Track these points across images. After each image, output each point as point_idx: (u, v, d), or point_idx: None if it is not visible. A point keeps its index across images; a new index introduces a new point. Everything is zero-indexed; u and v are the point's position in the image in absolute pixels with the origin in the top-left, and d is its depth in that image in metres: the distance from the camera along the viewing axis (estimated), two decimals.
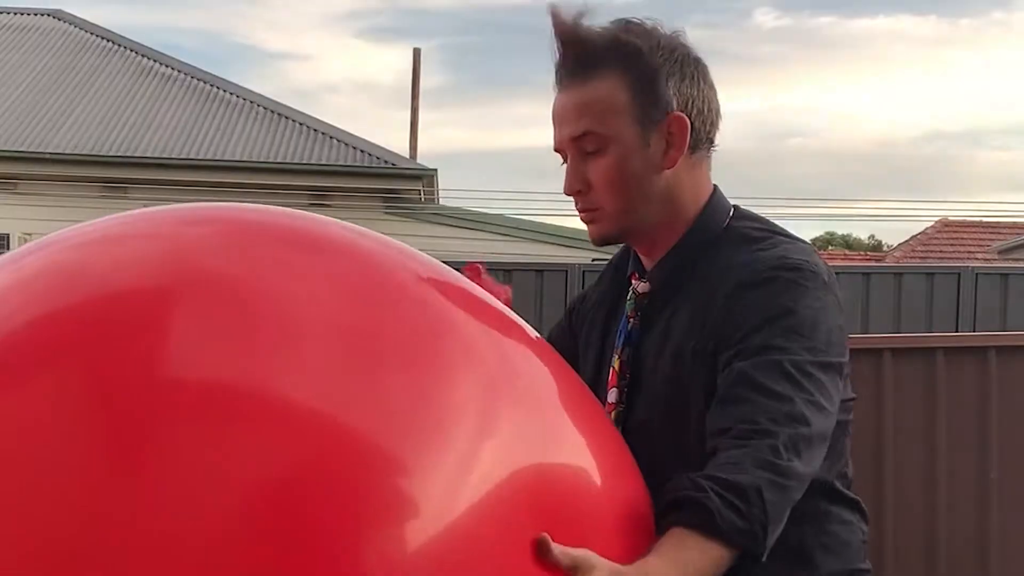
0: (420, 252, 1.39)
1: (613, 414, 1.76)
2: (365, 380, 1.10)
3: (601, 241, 1.76)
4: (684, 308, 1.70)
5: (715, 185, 1.77)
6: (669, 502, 1.45)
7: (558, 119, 1.70)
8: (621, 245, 1.87)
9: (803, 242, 1.74)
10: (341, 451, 1.05)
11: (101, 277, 1.11)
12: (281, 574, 0.97)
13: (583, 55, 1.66)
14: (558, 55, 1.69)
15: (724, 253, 1.70)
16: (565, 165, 1.72)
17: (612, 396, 1.77)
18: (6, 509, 0.95)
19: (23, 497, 0.95)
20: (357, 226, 1.36)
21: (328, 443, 1.04)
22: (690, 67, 1.69)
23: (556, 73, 1.70)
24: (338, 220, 1.35)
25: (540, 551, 1.24)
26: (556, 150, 1.72)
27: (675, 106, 1.67)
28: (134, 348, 1.02)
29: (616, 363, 1.77)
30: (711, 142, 1.74)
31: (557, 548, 1.26)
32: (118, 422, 0.98)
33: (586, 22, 1.67)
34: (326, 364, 1.09)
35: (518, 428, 1.24)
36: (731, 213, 1.77)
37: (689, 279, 1.72)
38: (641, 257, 1.81)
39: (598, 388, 1.80)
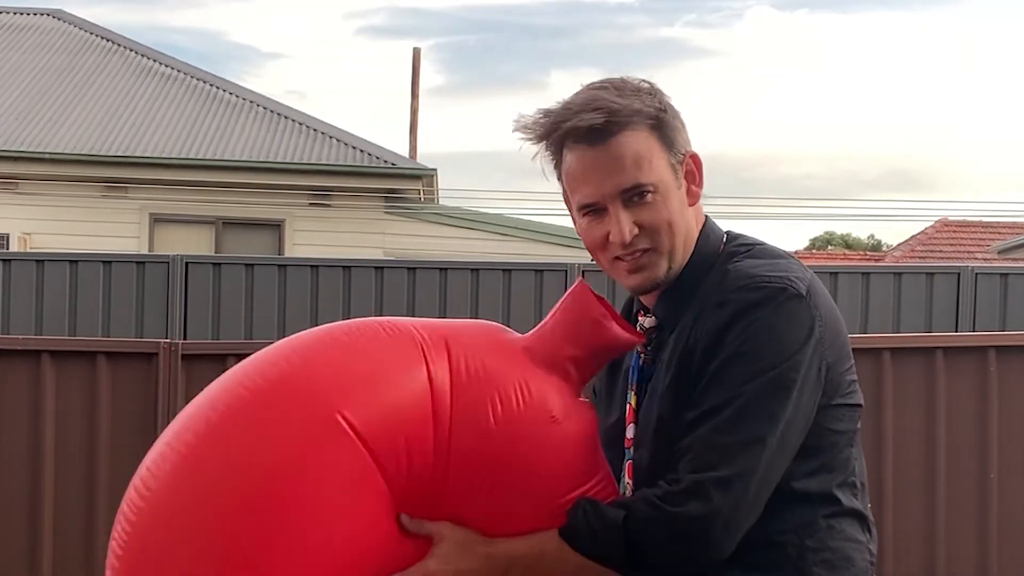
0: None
1: (632, 449, 1.82)
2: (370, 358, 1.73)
3: (651, 287, 1.80)
4: (681, 338, 1.76)
5: (706, 215, 1.85)
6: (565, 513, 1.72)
7: (595, 173, 1.75)
8: None
9: (786, 258, 1.78)
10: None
11: (286, 355, 1.79)
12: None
13: (611, 118, 1.73)
14: (580, 121, 1.73)
15: (714, 278, 1.76)
16: (597, 218, 1.77)
17: (630, 432, 1.83)
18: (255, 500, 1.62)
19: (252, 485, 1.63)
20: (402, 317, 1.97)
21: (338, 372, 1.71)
22: (680, 115, 1.81)
23: (575, 136, 1.75)
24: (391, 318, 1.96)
25: (399, 522, 1.65)
26: (589, 204, 1.77)
27: (687, 149, 1.79)
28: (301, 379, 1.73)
29: (632, 399, 1.84)
30: None
31: (412, 522, 1.65)
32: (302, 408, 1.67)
33: (598, 91, 1.76)
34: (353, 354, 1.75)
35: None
36: (724, 239, 1.83)
37: (687, 308, 1.77)
38: (641, 297, 1.86)
39: (619, 427, 1.86)
